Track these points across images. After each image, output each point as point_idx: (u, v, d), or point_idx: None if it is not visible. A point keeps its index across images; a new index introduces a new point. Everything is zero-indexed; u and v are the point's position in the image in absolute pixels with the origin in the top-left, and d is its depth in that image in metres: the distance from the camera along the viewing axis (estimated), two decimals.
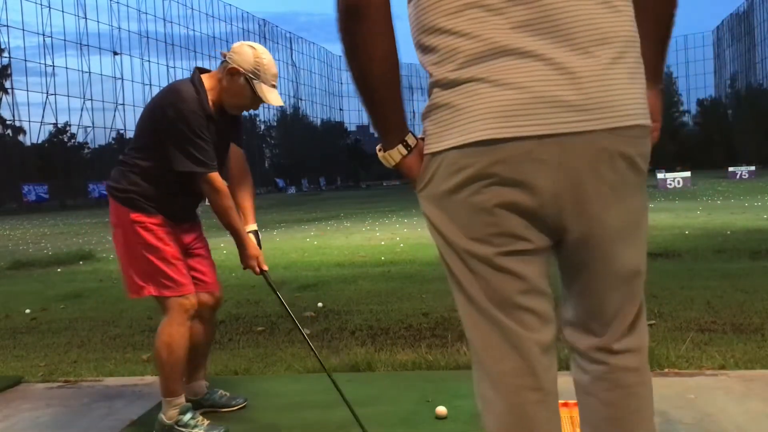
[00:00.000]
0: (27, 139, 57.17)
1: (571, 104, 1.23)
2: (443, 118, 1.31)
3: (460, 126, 1.27)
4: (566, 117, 1.22)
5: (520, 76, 1.23)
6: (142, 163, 2.78)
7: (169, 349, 2.76)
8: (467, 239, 1.32)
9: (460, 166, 1.28)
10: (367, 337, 4.59)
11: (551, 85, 1.22)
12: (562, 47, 1.23)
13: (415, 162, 1.40)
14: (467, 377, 3.63)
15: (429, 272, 7.51)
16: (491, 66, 1.24)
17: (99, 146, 64.53)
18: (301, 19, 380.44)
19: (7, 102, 54.28)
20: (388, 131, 1.41)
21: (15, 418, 3.21)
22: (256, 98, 2.78)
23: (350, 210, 24.61)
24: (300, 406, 3.13)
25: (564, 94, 1.22)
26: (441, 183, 1.32)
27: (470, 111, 1.26)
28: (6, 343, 4.98)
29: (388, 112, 1.40)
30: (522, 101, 1.22)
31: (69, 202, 52.87)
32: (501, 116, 1.23)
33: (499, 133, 1.23)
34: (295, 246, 11.35)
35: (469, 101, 1.26)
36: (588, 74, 1.23)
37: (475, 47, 1.25)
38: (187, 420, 2.80)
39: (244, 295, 6.37)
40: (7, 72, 54.09)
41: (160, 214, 2.79)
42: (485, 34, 1.25)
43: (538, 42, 1.23)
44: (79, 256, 11.26)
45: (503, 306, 1.32)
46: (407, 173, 1.42)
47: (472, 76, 1.26)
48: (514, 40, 1.23)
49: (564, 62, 1.23)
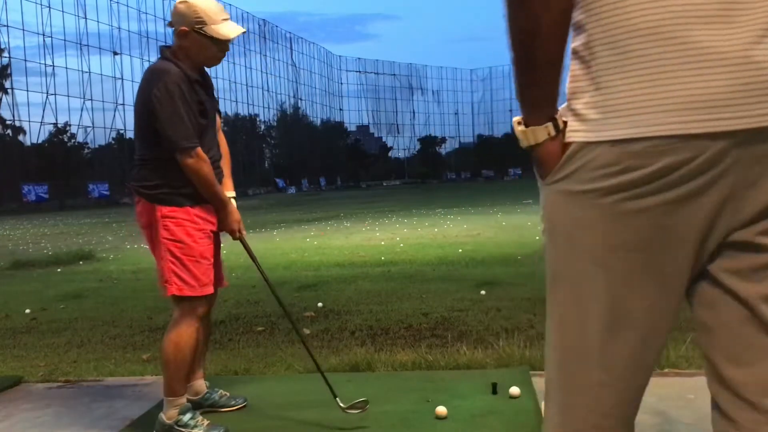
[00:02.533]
0: (27, 139, 57.20)
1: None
2: (608, 102, 1.09)
3: (633, 116, 1.07)
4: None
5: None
6: (159, 154, 2.78)
7: (176, 347, 2.77)
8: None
9: (628, 164, 1.07)
10: (367, 337, 4.59)
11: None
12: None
13: (557, 147, 1.17)
14: (467, 377, 3.64)
15: (429, 272, 7.52)
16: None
17: (99, 146, 64.55)
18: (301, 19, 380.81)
19: (7, 102, 54.30)
20: (540, 102, 1.18)
21: (15, 418, 3.22)
22: (217, 41, 2.78)
23: (350, 210, 24.61)
24: (300, 406, 3.13)
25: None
26: (592, 179, 1.11)
27: (649, 96, 1.06)
28: (6, 343, 4.98)
29: (546, 78, 1.16)
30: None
31: (69, 202, 52.79)
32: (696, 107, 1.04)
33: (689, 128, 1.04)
34: (295, 246, 11.35)
35: (649, 84, 1.06)
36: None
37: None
38: (187, 420, 2.80)
39: (244, 295, 6.37)
40: (7, 72, 54.06)
41: (194, 201, 2.79)
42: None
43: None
44: (79, 256, 11.26)
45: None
46: (545, 158, 1.19)
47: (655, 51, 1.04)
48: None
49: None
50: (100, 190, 56.87)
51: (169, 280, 2.78)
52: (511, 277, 6.79)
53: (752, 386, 1.17)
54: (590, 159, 1.11)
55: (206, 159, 2.76)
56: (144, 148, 2.85)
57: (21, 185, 49.90)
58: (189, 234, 2.77)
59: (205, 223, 2.84)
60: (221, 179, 2.96)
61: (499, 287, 6.17)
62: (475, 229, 13.01)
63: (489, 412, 2.89)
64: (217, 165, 2.92)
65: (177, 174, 2.75)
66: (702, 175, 1.06)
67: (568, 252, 1.18)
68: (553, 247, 1.21)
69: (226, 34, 2.77)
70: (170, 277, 2.77)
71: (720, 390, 1.21)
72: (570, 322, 1.20)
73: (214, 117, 2.97)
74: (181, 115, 2.68)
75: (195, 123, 2.74)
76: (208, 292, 2.83)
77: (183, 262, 2.76)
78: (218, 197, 2.85)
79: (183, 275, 2.76)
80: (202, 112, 2.79)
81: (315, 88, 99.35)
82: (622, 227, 1.11)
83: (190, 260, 2.76)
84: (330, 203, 33.33)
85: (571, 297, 1.19)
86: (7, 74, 54.05)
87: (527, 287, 6.04)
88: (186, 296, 2.78)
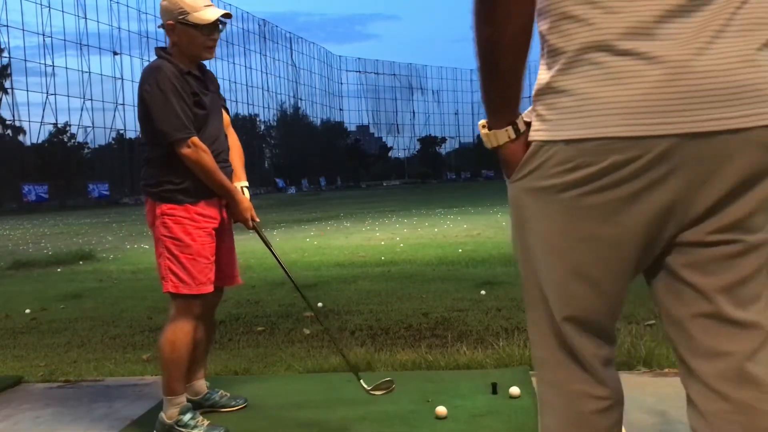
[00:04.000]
0: (27, 139, 57.20)
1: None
2: (564, 105, 1.19)
3: (584, 117, 1.17)
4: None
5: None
6: (161, 152, 2.79)
7: (172, 346, 2.77)
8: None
9: (580, 162, 1.18)
10: (367, 337, 4.59)
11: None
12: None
13: (519, 149, 1.28)
14: (467, 377, 3.64)
15: (429, 272, 7.52)
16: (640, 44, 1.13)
17: (99, 146, 64.55)
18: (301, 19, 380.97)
19: (7, 102, 54.30)
20: (501, 108, 1.30)
21: (15, 418, 3.22)
22: (202, 28, 2.79)
23: (350, 210, 24.61)
24: (300, 406, 3.13)
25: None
26: (550, 176, 1.22)
27: (601, 100, 1.15)
28: (6, 343, 4.98)
29: (507, 86, 1.28)
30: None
31: (69, 202, 52.79)
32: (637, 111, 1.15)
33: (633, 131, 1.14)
34: (295, 246, 11.34)
35: (600, 89, 1.15)
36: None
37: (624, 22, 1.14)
38: (187, 420, 2.80)
39: (244, 295, 6.37)
40: (7, 72, 54.06)
41: (196, 198, 2.79)
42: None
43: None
44: (79, 256, 11.26)
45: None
46: (508, 158, 1.30)
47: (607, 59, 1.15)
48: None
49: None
50: (100, 190, 56.89)
51: (165, 277, 2.79)
52: (511, 277, 6.78)
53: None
54: (548, 157, 1.21)
55: (205, 149, 2.75)
56: (148, 147, 2.87)
57: (21, 185, 49.89)
58: (188, 232, 2.78)
59: (206, 221, 2.83)
60: (230, 174, 2.96)
61: (499, 287, 6.17)
62: (475, 229, 13.01)
63: (489, 412, 2.89)
64: (224, 159, 2.92)
65: (178, 171, 2.76)
66: (647, 172, 1.15)
67: (531, 241, 1.30)
68: (519, 239, 1.34)
69: (207, 17, 2.78)
70: (166, 274, 2.78)
71: (690, 383, 1.27)
72: (533, 302, 1.35)
73: (218, 111, 2.97)
74: (173, 108, 2.69)
75: (190, 115, 2.74)
76: (206, 290, 2.82)
77: (180, 259, 2.76)
78: (223, 186, 2.84)
79: (179, 273, 2.76)
80: (197, 103, 2.79)
81: (315, 88, 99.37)
82: (578, 220, 1.22)
83: (187, 258, 2.76)
84: (330, 203, 33.32)
85: (533, 282, 1.33)
86: (7, 74, 54.06)
87: None
88: (182, 294, 2.78)
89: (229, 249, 3.04)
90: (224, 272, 2.98)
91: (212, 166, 2.77)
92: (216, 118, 2.93)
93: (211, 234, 2.86)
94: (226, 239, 3.00)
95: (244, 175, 3.11)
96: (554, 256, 1.27)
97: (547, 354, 1.35)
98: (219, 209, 2.91)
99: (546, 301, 1.31)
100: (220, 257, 2.94)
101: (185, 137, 2.70)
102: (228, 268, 3.01)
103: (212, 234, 2.87)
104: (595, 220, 1.21)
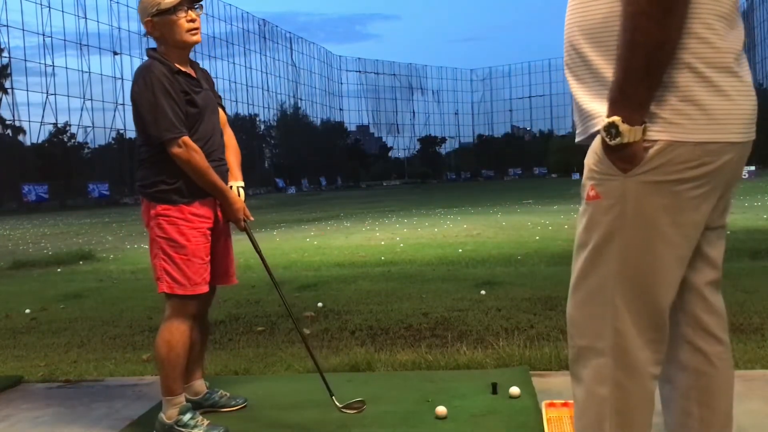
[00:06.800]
0: (27, 139, 57.25)
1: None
2: (690, 112, 1.44)
3: (712, 125, 1.44)
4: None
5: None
6: (154, 152, 2.78)
7: (168, 346, 2.77)
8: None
9: (704, 160, 1.45)
10: (367, 337, 4.59)
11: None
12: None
13: (642, 145, 1.45)
14: (467, 377, 3.63)
15: (429, 272, 7.51)
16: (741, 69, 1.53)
17: (99, 146, 64.62)
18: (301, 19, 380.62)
19: (7, 102, 54.34)
20: (647, 106, 1.44)
21: (15, 418, 3.22)
22: (176, 10, 2.76)
23: (350, 210, 24.61)
24: (300, 406, 3.13)
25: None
26: (675, 171, 1.44)
27: (725, 112, 1.45)
28: (6, 343, 4.98)
29: (657, 85, 1.43)
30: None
31: (69, 202, 52.84)
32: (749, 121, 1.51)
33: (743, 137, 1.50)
34: (295, 246, 11.34)
35: (724, 104, 1.45)
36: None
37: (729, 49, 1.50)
38: (187, 420, 2.80)
39: (244, 295, 6.37)
40: (7, 72, 54.10)
41: (190, 199, 2.78)
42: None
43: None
44: (79, 256, 11.26)
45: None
46: (638, 153, 1.45)
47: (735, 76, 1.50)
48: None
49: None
50: (100, 190, 56.92)
51: (160, 277, 2.78)
52: (511, 277, 6.79)
53: (719, 327, 1.70)
54: (676, 155, 1.44)
55: (197, 149, 2.74)
56: (142, 148, 2.85)
57: (21, 185, 49.91)
58: (182, 233, 2.77)
59: (201, 221, 2.83)
60: (225, 172, 2.95)
61: (499, 287, 6.17)
62: (475, 229, 13.01)
63: (489, 412, 2.88)
64: (218, 157, 2.91)
65: (171, 171, 2.75)
66: (729, 169, 1.51)
67: (641, 227, 1.49)
68: (623, 224, 1.49)
69: (171, 0, 2.75)
70: (161, 275, 2.77)
71: (696, 331, 1.68)
72: (633, 291, 1.54)
73: (213, 109, 2.95)
74: (162, 107, 2.67)
75: (181, 114, 2.73)
76: (201, 291, 2.81)
77: (174, 260, 2.76)
78: (215, 186, 2.83)
79: (174, 273, 2.76)
80: (189, 101, 2.78)
81: (315, 88, 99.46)
82: (684, 210, 1.48)
83: (181, 258, 2.76)
84: (330, 203, 33.33)
85: (635, 271, 1.52)
86: (7, 74, 54.09)
87: (527, 287, 6.04)
88: (176, 294, 2.78)
89: (226, 248, 3.03)
90: (219, 271, 2.97)
91: (203, 166, 2.76)
92: (210, 116, 2.90)
93: (206, 234, 2.85)
94: (222, 239, 2.99)
95: (240, 175, 3.09)
96: (665, 244, 1.49)
97: (633, 342, 1.53)
98: (214, 209, 2.90)
99: (650, 288, 1.52)
100: (216, 257, 2.94)
101: (175, 137, 2.69)
102: (223, 268, 3.00)
103: (207, 234, 2.86)
104: (693, 209, 1.48)
